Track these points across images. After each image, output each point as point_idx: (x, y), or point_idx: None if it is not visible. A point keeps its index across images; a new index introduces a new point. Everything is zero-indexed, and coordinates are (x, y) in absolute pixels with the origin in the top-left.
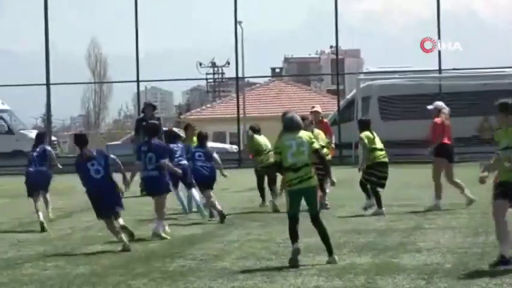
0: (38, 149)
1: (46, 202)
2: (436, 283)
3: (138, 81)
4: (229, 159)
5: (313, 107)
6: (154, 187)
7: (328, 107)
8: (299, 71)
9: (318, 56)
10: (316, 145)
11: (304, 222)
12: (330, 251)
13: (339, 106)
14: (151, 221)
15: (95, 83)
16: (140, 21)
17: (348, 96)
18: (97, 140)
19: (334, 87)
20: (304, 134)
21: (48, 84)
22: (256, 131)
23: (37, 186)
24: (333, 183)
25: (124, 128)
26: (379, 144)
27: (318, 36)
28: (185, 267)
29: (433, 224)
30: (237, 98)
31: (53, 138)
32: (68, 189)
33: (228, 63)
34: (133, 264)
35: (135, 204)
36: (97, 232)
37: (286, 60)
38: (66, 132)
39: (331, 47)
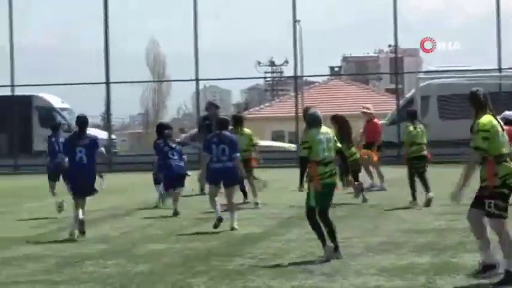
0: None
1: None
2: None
3: (197, 79)
4: (288, 158)
5: (363, 107)
6: (230, 177)
7: (387, 106)
8: (357, 70)
9: (376, 54)
10: (339, 144)
11: (365, 222)
12: (335, 246)
13: (398, 105)
14: (209, 220)
15: (154, 81)
16: (199, 20)
17: (407, 96)
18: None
19: (393, 86)
20: (329, 130)
21: (108, 83)
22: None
23: None
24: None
25: (183, 127)
26: (419, 139)
27: (376, 35)
28: (244, 266)
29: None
30: (296, 96)
31: (113, 136)
32: (126, 187)
33: (287, 62)
34: (192, 263)
35: (196, 202)
36: (156, 230)
37: (345, 59)
38: (125, 131)
39: (389, 45)
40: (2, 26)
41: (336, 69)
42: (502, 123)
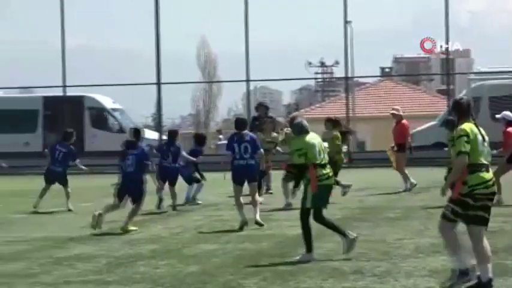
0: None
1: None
2: None
3: (248, 80)
4: None
5: (393, 108)
6: (252, 174)
7: (438, 107)
8: (408, 71)
9: (427, 55)
10: (326, 147)
11: (416, 223)
12: (343, 234)
13: (449, 106)
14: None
15: (204, 82)
16: (250, 20)
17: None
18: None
19: (444, 87)
20: (316, 135)
21: (159, 84)
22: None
23: None
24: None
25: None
26: None
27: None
28: (295, 266)
29: None
30: (346, 97)
31: (163, 137)
32: (177, 187)
33: (337, 63)
34: (244, 263)
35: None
36: (207, 231)
37: (396, 59)
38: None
39: (441, 46)
40: (54, 27)
41: (387, 70)
42: (482, 132)
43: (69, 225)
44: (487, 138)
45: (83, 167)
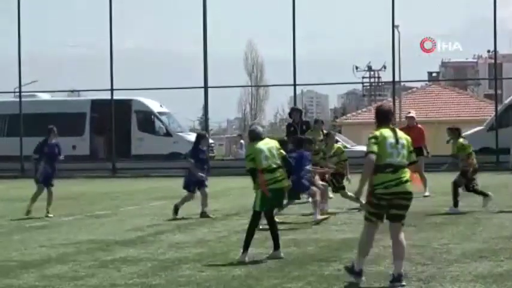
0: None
1: None
2: None
3: (295, 84)
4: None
5: (409, 112)
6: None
7: (485, 112)
8: (456, 75)
9: (475, 60)
10: (283, 152)
11: (463, 228)
12: (276, 246)
13: (496, 111)
14: (305, 226)
15: (251, 86)
16: (297, 24)
17: (506, 101)
18: None
19: (492, 91)
20: (270, 141)
21: (206, 87)
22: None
23: None
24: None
25: (280, 132)
26: None
27: (475, 40)
28: (341, 271)
29: None
30: (393, 102)
31: (210, 141)
32: (225, 191)
33: (385, 67)
34: (289, 268)
35: (291, 207)
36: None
37: (443, 64)
38: (222, 135)
39: (488, 51)
40: (103, 31)
41: (434, 74)
42: (399, 136)
43: (115, 228)
44: (405, 142)
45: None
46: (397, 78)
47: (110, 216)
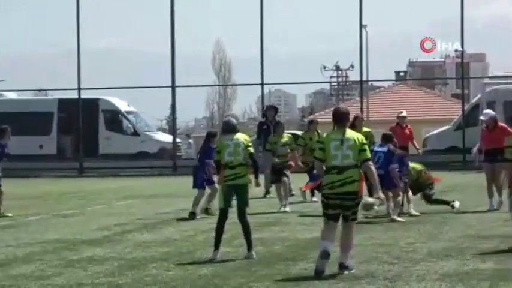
0: None
1: None
2: None
3: (262, 84)
4: None
5: (401, 112)
6: None
7: (452, 111)
8: (423, 75)
9: (442, 59)
10: (251, 149)
11: (430, 227)
12: (249, 246)
13: (463, 110)
14: (272, 225)
15: (219, 85)
16: (265, 24)
17: (473, 101)
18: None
19: (459, 91)
20: (241, 136)
21: (173, 87)
22: None
23: None
24: None
25: (248, 131)
26: None
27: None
28: (308, 270)
29: None
30: (361, 101)
31: (177, 140)
32: (192, 191)
33: (352, 67)
34: (256, 267)
35: (259, 206)
36: None
37: (411, 63)
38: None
39: (456, 50)
40: (70, 30)
41: (402, 74)
42: (348, 137)
43: (81, 228)
44: (352, 142)
45: None
46: (364, 78)
47: (76, 216)
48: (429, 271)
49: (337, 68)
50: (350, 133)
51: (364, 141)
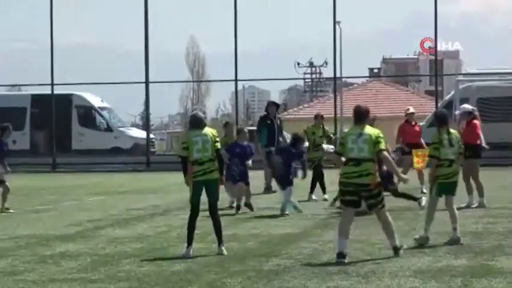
0: None
1: None
2: None
3: (236, 80)
4: (326, 159)
5: (408, 108)
6: None
7: (425, 108)
8: (397, 72)
9: (416, 56)
10: (218, 145)
11: (402, 224)
12: (219, 242)
13: (437, 107)
14: (246, 220)
15: (193, 81)
16: (239, 20)
17: (446, 98)
18: None
19: (432, 88)
20: (208, 131)
21: (147, 83)
22: None
23: None
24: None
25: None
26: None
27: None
28: (281, 266)
29: None
30: (335, 98)
31: (151, 136)
32: (165, 187)
33: (326, 63)
34: (229, 263)
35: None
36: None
37: (384, 60)
38: (164, 130)
39: (429, 47)
40: (43, 26)
41: (376, 70)
42: (364, 132)
43: (54, 223)
44: (367, 137)
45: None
46: (338, 75)
47: (49, 211)
48: (402, 267)
49: (311, 65)
50: (368, 129)
51: (380, 135)
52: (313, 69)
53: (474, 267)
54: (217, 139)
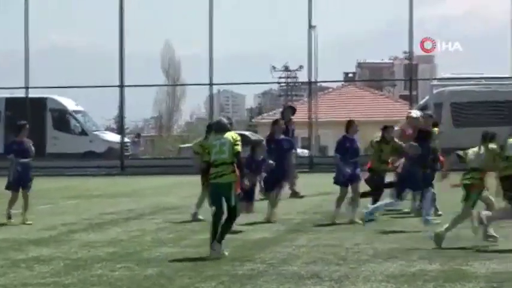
0: None
1: None
2: None
3: (211, 84)
4: (301, 163)
5: (410, 112)
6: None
7: (400, 112)
8: (372, 76)
9: (391, 61)
10: (238, 148)
11: (376, 228)
12: (218, 239)
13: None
14: None
15: (167, 85)
16: (214, 23)
17: (421, 102)
18: (170, 142)
19: (407, 92)
20: (229, 135)
21: (122, 86)
22: None
23: None
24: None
25: (197, 131)
26: None
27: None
28: (254, 270)
29: (505, 232)
30: (309, 102)
31: (126, 139)
32: (139, 191)
33: (301, 67)
34: (203, 267)
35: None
36: (167, 234)
37: (359, 65)
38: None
39: (404, 52)
40: (17, 29)
41: (351, 75)
42: None
43: (27, 227)
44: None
45: None
46: (313, 79)
47: (22, 215)
48: (375, 272)
49: (286, 69)
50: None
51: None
52: (289, 73)
53: (447, 272)
54: (238, 142)
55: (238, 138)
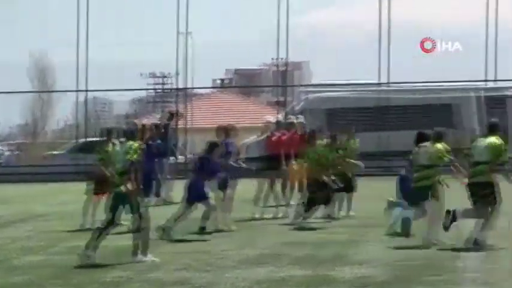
0: None
1: None
2: None
3: (78, 90)
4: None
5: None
6: None
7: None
8: (244, 83)
9: (263, 67)
10: (135, 156)
11: (246, 234)
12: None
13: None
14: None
15: (36, 92)
16: (90, 31)
17: (296, 108)
18: (40, 149)
19: (279, 99)
20: (130, 143)
21: None
22: None
23: None
24: None
25: (68, 138)
26: None
27: (265, 48)
28: (122, 277)
29: (369, 237)
30: (176, 107)
31: None
32: (9, 198)
33: (176, 74)
34: (72, 275)
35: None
36: (36, 242)
37: (231, 71)
38: (6, 142)
39: (276, 58)
40: None
41: (225, 81)
42: None
43: None
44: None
45: None
46: (183, 85)
47: None
48: (241, 278)
49: (154, 75)
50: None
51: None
52: (159, 79)
53: (314, 277)
54: (130, 151)
55: (137, 146)
